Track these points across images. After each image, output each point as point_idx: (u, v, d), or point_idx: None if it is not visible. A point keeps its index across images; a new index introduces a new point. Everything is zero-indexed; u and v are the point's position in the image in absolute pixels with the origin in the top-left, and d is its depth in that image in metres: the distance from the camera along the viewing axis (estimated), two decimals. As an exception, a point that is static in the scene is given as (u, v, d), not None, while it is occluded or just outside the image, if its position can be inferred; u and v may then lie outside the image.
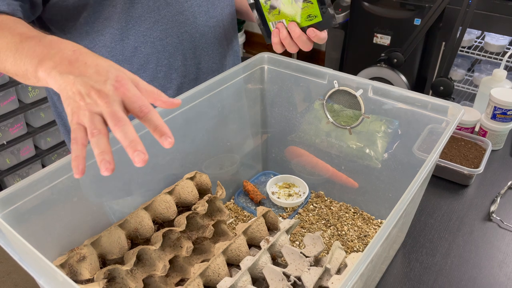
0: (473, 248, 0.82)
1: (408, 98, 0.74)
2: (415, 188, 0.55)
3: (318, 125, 0.88)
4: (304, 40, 0.75)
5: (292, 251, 0.63)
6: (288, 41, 0.76)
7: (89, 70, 0.50)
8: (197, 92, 0.75)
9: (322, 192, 0.92)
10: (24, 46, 0.56)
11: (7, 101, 1.79)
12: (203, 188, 0.75)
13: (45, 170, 0.57)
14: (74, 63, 0.51)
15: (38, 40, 0.56)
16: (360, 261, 0.44)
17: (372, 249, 0.46)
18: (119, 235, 0.64)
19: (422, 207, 0.90)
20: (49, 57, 0.52)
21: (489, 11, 1.77)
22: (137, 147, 0.46)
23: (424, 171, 0.57)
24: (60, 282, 0.43)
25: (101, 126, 0.47)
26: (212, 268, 0.60)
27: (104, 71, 0.50)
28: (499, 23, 1.76)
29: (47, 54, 0.53)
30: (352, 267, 0.43)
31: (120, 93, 0.49)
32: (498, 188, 0.95)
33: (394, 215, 0.51)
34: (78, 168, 0.47)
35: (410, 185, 0.55)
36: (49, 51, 0.53)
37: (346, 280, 0.43)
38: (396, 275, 0.77)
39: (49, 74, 0.51)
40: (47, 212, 0.59)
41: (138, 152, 0.46)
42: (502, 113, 1.01)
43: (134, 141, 0.46)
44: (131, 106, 0.49)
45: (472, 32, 1.98)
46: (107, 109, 0.47)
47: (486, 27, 1.83)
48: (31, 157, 1.98)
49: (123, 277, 0.61)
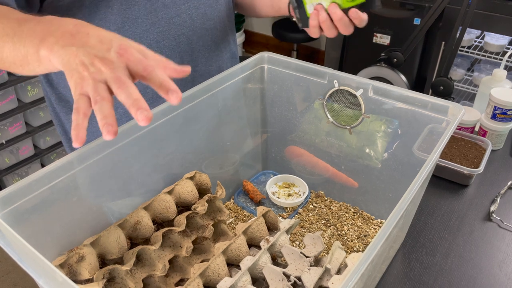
0: (473, 248, 0.82)
1: (408, 98, 0.74)
2: (415, 188, 0.55)
3: (318, 124, 0.88)
4: (346, 22, 0.71)
5: (292, 251, 0.63)
6: (328, 24, 0.72)
7: (91, 40, 0.48)
8: (197, 92, 0.75)
9: (322, 192, 0.92)
10: (23, 29, 0.55)
11: (6, 100, 1.79)
12: (203, 188, 0.75)
13: (44, 170, 0.57)
14: (76, 35, 0.49)
15: (37, 21, 0.54)
16: (361, 261, 0.44)
17: (373, 249, 0.46)
18: (119, 235, 0.63)
19: (422, 206, 0.90)
20: (50, 33, 0.50)
21: (489, 11, 1.77)
22: (140, 105, 0.45)
23: (425, 172, 0.57)
24: (60, 282, 0.42)
25: (104, 93, 0.45)
26: (212, 268, 0.60)
27: (107, 40, 0.49)
28: (499, 23, 1.76)
29: (47, 31, 0.51)
30: (353, 268, 0.43)
31: (124, 59, 0.47)
32: (498, 188, 0.95)
33: (395, 215, 0.51)
34: (78, 136, 0.44)
35: (410, 185, 0.55)
36: (49, 28, 0.51)
37: (347, 280, 0.43)
38: (396, 275, 0.77)
39: (51, 50, 0.49)
40: (46, 212, 0.59)
41: (141, 110, 0.44)
42: (502, 113, 1.01)
43: (137, 100, 0.45)
44: (135, 69, 0.48)
45: (472, 32, 1.98)
46: (111, 74, 0.46)
47: (486, 27, 1.83)
48: (30, 156, 1.98)
49: (123, 277, 0.61)
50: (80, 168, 0.60)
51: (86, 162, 0.61)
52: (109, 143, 0.63)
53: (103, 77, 0.46)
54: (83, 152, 0.60)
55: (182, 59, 0.85)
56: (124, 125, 0.65)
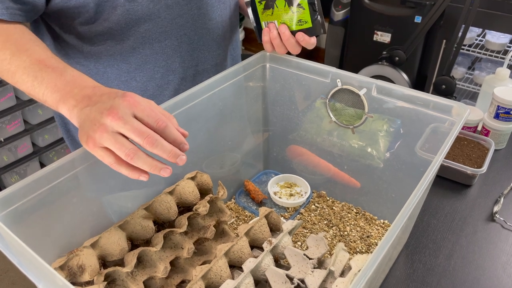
0: (476, 249, 0.81)
1: (412, 97, 0.73)
2: (421, 190, 0.54)
3: (320, 124, 0.87)
4: (293, 43, 0.77)
5: (295, 253, 0.62)
6: (278, 41, 0.78)
7: (103, 98, 0.53)
8: (198, 91, 0.74)
9: (324, 192, 0.91)
10: (44, 76, 0.59)
11: (4, 97, 1.78)
12: (204, 188, 0.74)
13: (44, 170, 0.56)
14: (92, 97, 0.54)
15: (60, 74, 0.58)
16: (368, 265, 0.43)
17: (379, 252, 0.45)
18: (119, 236, 0.63)
19: (425, 207, 0.89)
20: (71, 95, 0.56)
21: (490, 9, 1.75)
22: (178, 154, 0.52)
23: (431, 173, 0.56)
24: (60, 286, 0.41)
25: (129, 145, 0.50)
26: (214, 271, 0.59)
27: (114, 93, 0.53)
28: (500, 21, 1.75)
29: (69, 92, 0.56)
30: (360, 273, 0.42)
31: (129, 104, 0.51)
32: (501, 188, 0.94)
33: (401, 217, 0.50)
34: (144, 174, 0.53)
35: (416, 188, 0.54)
36: (72, 89, 0.56)
37: (354, 285, 0.42)
38: (399, 277, 0.76)
39: (71, 112, 0.55)
40: (46, 213, 0.58)
41: (180, 157, 0.52)
42: (505, 112, 1.00)
43: (172, 151, 0.51)
44: (146, 120, 0.52)
45: (473, 30, 1.97)
46: (124, 126, 0.50)
47: (487, 25, 1.82)
48: (28, 154, 1.96)
49: (124, 279, 0.60)
50: (80, 168, 0.59)
51: (86, 163, 0.60)
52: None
53: (115, 129, 0.50)
54: (83, 152, 0.59)
55: (183, 58, 0.84)
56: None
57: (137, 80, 0.83)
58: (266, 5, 0.78)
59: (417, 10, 1.94)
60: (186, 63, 0.85)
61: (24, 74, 0.60)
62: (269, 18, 0.79)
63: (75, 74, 0.59)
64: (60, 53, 0.82)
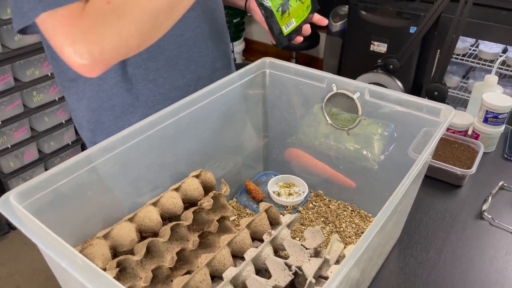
0: (465, 245, 0.85)
1: (403, 101, 0.78)
2: (407, 184, 0.59)
3: (317, 127, 0.92)
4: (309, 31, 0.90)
5: (293, 244, 0.66)
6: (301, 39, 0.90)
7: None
8: (201, 95, 0.79)
9: (321, 191, 0.96)
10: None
11: (12, 105, 1.83)
12: (208, 186, 0.79)
13: (61, 166, 0.60)
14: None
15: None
16: (355, 249, 0.48)
17: (366, 238, 0.50)
18: (130, 228, 0.67)
19: (417, 205, 0.94)
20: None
21: (482, 20, 1.82)
22: None
23: (416, 169, 0.61)
24: (80, 264, 0.46)
25: None
26: (218, 259, 0.63)
27: None
28: (492, 31, 1.81)
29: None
30: (348, 256, 0.47)
31: None
32: (490, 188, 0.99)
33: (387, 208, 0.55)
34: None
35: (401, 182, 0.59)
36: None
37: (342, 266, 0.47)
38: (392, 270, 0.80)
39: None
40: (62, 206, 0.62)
41: None
42: (494, 117, 1.05)
43: None
44: None
45: (467, 40, 2.03)
46: None
47: (480, 35, 1.88)
48: (34, 160, 2.01)
49: (134, 267, 0.64)
50: (93, 165, 0.64)
51: (99, 160, 0.65)
52: (121, 142, 0.67)
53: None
54: (96, 150, 0.64)
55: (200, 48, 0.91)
56: (135, 125, 0.69)
57: (146, 84, 0.87)
58: (282, 10, 0.83)
59: (412, 21, 2.01)
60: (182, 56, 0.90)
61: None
62: (287, 19, 0.84)
63: None
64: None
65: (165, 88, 0.89)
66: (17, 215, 0.53)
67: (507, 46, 1.96)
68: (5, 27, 1.72)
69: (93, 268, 0.45)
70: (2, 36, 1.75)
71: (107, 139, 0.65)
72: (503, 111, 1.04)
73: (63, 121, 2.06)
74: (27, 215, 0.52)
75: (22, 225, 0.51)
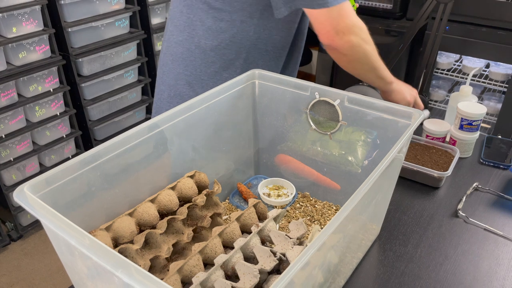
0: (441, 240, 0.92)
1: (378, 106, 0.86)
2: (376, 175, 0.66)
3: (305, 134, 1.00)
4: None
5: (278, 234, 0.73)
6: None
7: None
8: (196, 102, 0.86)
9: (307, 193, 1.03)
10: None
11: (15, 119, 1.90)
12: (202, 185, 0.86)
13: (69, 163, 0.67)
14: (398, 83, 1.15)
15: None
16: (323, 231, 0.55)
17: (334, 221, 0.57)
18: (130, 222, 0.74)
19: (396, 206, 1.01)
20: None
21: (465, 36, 1.92)
22: None
23: (385, 162, 0.68)
24: (87, 244, 0.53)
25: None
26: (210, 247, 0.70)
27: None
28: (475, 47, 1.91)
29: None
30: (311, 242, 0.53)
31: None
32: (465, 189, 1.06)
33: (354, 198, 0.62)
34: None
35: (371, 173, 0.66)
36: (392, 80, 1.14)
37: (314, 242, 0.53)
38: (372, 262, 0.87)
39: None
40: (67, 200, 0.69)
41: None
42: (468, 124, 1.13)
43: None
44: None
45: (451, 56, 2.13)
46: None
47: (462, 51, 1.98)
48: (35, 173, 2.08)
49: (133, 256, 0.71)
50: (97, 163, 0.71)
51: (103, 158, 0.72)
52: (122, 144, 0.74)
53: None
54: (100, 149, 0.71)
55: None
56: (134, 128, 0.76)
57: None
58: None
59: (399, 38, 2.11)
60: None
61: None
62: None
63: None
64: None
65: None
66: (30, 203, 0.59)
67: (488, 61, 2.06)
68: (10, 45, 1.81)
69: (99, 244, 0.52)
70: (7, 53, 1.83)
71: (110, 140, 0.73)
72: (477, 118, 1.12)
73: (64, 135, 2.13)
74: (39, 202, 0.59)
75: (35, 211, 0.58)
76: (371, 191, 0.67)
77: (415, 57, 2.13)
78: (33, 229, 2.16)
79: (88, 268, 0.62)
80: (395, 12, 2.13)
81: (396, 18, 2.15)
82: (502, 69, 1.98)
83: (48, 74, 1.97)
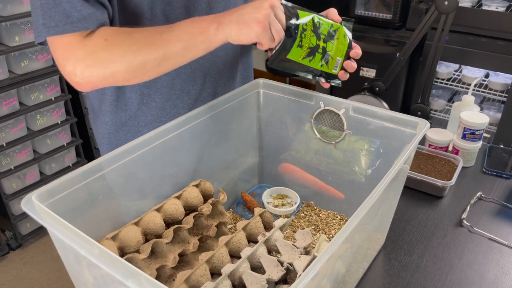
0: (445, 249, 0.92)
1: (382, 115, 0.86)
2: (382, 187, 0.66)
3: (309, 144, 1.00)
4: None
5: (285, 244, 0.73)
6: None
7: (248, 5, 0.72)
8: (200, 111, 0.86)
9: (312, 202, 1.03)
10: (174, 28, 0.74)
11: (16, 128, 1.90)
12: (207, 194, 0.86)
13: (75, 172, 0.67)
14: (238, 9, 0.73)
15: (192, 20, 0.74)
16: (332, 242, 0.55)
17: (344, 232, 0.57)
18: (136, 231, 0.74)
19: (401, 215, 1.01)
20: (219, 17, 0.72)
21: (464, 46, 1.94)
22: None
23: (391, 174, 0.69)
24: (95, 254, 0.53)
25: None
26: (216, 256, 0.70)
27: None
28: (474, 57, 1.93)
29: (214, 18, 0.73)
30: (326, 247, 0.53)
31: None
32: (469, 199, 1.06)
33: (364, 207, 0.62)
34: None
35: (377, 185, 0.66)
36: (215, 17, 0.73)
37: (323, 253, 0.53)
38: (378, 272, 0.87)
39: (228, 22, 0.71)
40: (74, 209, 0.69)
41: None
42: (471, 133, 1.13)
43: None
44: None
45: (451, 66, 2.15)
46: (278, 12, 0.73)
47: (462, 61, 2.00)
48: (35, 182, 2.07)
49: (140, 265, 0.70)
50: (103, 172, 0.71)
51: (108, 168, 0.72)
52: (128, 153, 0.74)
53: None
54: (106, 159, 0.71)
55: (195, 82, 0.96)
56: (139, 138, 0.76)
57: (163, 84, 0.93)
58: (325, 61, 0.85)
59: (399, 48, 2.12)
60: (196, 85, 0.96)
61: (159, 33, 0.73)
62: (333, 63, 0.87)
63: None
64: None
65: (157, 112, 0.96)
66: (38, 212, 0.59)
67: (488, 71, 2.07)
68: (12, 53, 1.81)
69: (109, 254, 0.51)
70: (10, 62, 1.84)
71: (116, 149, 0.73)
72: (479, 128, 1.13)
73: (65, 143, 2.13)
74: (48, 211, 0.58)
75: (43, 220, 0.57)
76: (378, 201, 0.67)
77: (414, 67, 2.15)
78: (33, 238, 2.15)
79: (94, 278, 0.61)
80: (395, 22, 2.15)
81: (396, 28, 2.16)
82: (502, 78, 2.00)
83: (50, 82, 1.97)
